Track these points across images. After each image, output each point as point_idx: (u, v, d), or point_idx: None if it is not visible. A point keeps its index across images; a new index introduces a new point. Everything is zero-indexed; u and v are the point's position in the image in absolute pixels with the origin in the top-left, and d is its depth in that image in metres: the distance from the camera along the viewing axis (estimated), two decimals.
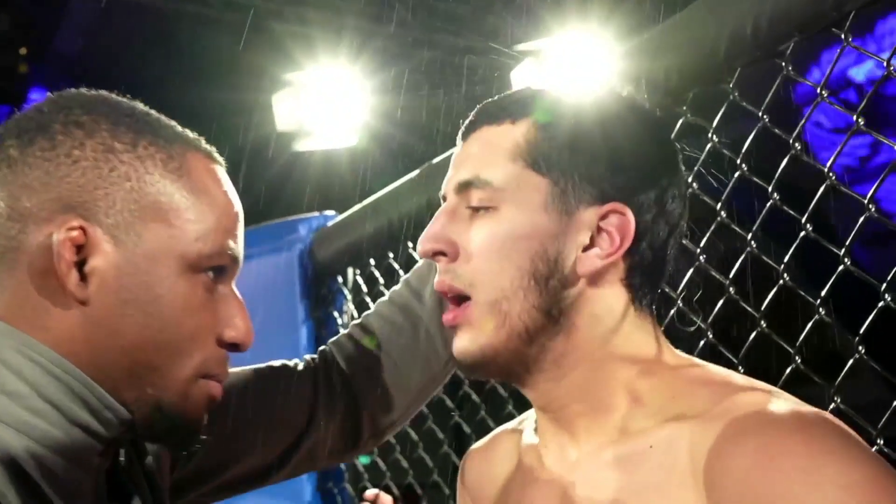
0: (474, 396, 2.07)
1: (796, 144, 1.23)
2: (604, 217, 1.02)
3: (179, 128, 0.99)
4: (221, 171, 0.99)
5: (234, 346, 0.97)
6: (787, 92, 1.23)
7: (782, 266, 1.27)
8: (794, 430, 0.91)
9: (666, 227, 1.05)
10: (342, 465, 2.17)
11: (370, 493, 2.03)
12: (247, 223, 1.02)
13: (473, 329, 1.02)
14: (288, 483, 2.15)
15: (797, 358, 1.24)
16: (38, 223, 0.90)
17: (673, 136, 1.37)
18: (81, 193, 0.90)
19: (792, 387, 1.07)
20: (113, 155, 0.92)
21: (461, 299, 1.04)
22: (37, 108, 0.95)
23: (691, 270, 1.39)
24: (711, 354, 1.24)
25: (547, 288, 1.01)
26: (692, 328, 1.36)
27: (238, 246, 0.98)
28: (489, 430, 1.27)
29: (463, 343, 1.03)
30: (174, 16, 6.66)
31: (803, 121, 1.21)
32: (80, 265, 0.90)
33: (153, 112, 0.98)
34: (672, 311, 1.39)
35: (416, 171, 1.92)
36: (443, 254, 1.04)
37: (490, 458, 1.20)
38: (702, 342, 1.35)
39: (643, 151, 1.05)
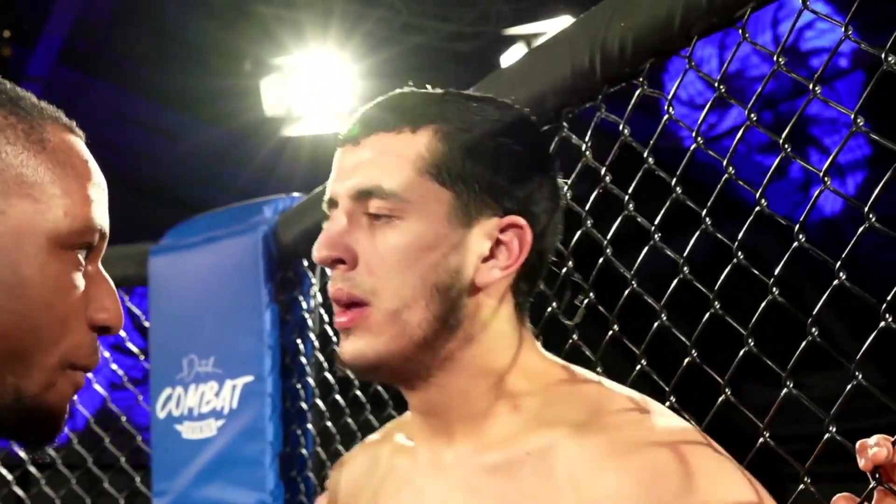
0: None
1: (752, 115, 1.17)
2: (503, 230, 1.05)
3: (36, 98, 0.91)
4: (83, 144, 0.93)
5: (105, 330, 0.90)
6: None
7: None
8: (672, 449, 0.95)
9: (552, 239, 1.09)
10: (305, 453, 2.12)
11: None
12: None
13: (371, 334, 1.03)
14: (251, 472, 2.13)
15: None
16: None
17: (630, 108, 1.34)
18: None
19: None
20: None
21: (356, 304, 1.04)
22: None
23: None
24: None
25: (447, 298, 1.03)
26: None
27: (104, 219, 0.91)
28: None
29: (358, 347, 1.04)
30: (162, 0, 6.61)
31: (760, 89, 1.15)
32: None
33: (7, 81, 0.91)
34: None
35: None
36: (341, 261, 1.04)
37: (359, 466, 1.21)
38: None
39: (537, 164, 1.08)
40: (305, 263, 2.21)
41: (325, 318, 2.15)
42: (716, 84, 1.21)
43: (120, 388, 2.63)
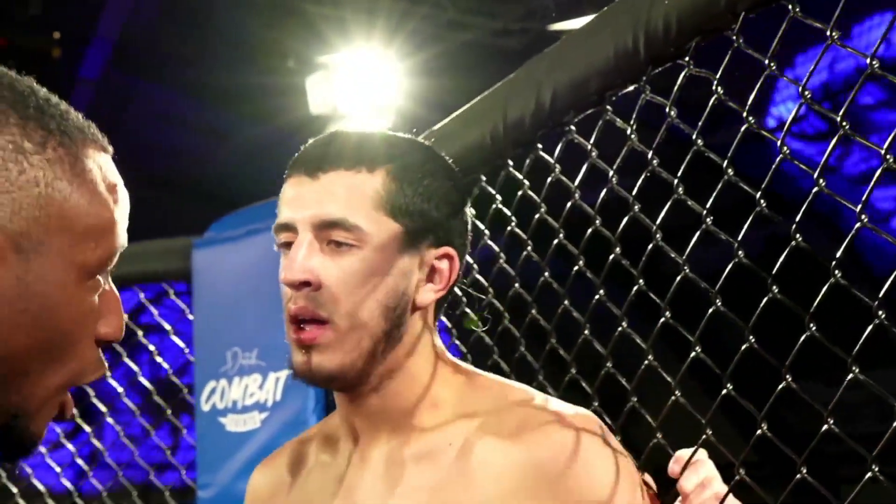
0: None
1: (806, 93, 1.13)
2: (439, 258, 1.22)
3: (73, 113, 0.90)
4: (111, 162, 0.92)
5: (107, 343, 0.90)
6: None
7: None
8: (561, 431, 1.16)
9: (462, 264, 1.26)
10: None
11: None
12: None
13: (331, 349, 1.18)
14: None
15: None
16: None
17: (675, 89, 1.30)
18: None
19: None
20: (23, 156, 0.84)
21: (317, 321, 1.18)
22: None
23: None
24: None
25: (394, 316, 1.20)
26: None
27: (124, 237, 0.92)
28: None
29: (319, 360, 1.18)
30: (210, 1, 6.63)
31: (814, 64, 1.12)
32: None
33: (52, 97, 0.89)
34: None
35: (419, 138, 1.84)
36: (308, 284, 1.17)
37: (280, 466, 1.34)
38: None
39: (459, 201, 1.26)
40: None
41: None
42: (766, 61, 1.17)
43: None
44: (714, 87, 1.25)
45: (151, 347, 2.46)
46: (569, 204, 1.49)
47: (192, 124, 8.25)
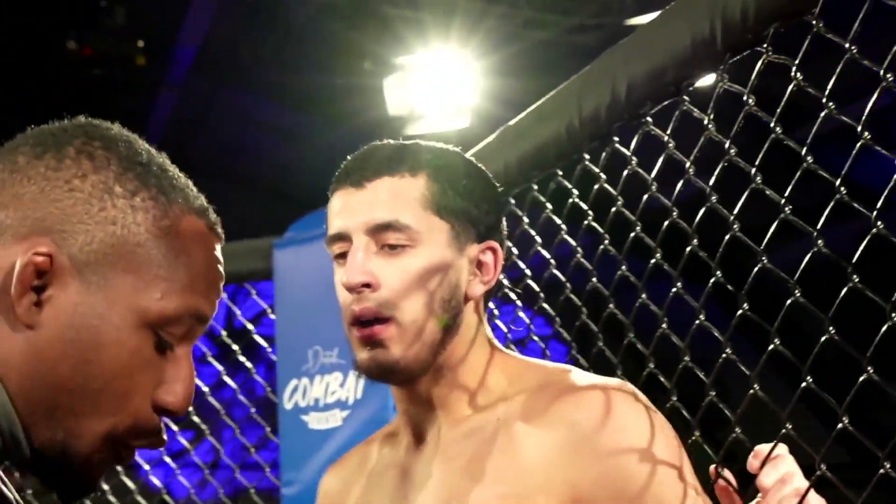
0: None
1: (888, 76, 1.11)
2: (483, 252, 1.30)
3: (193, 191, 0.95)
4: (215, 241, 0.95)
5: (167, 413, 0.90)
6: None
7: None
8: (599, 391, 1.22)
9: (504, 256, 1.33)
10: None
11: None
12: None
13: (395, 343, 1.25)
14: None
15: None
16: (16, 238, 0.87)
17: (753, 77, 1.29)
18: (64, 222, 0.87)
19: None
20: (109, 196, 0.89)
21: (381, 320, 1.24)
22: (63, 126, 0.92)
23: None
24: None
25: (449, 308, 1.27)
26: None
27: (210, 310, 0.93)
28: None
29: (385, 354, 1.25)
30: (288, 4, 6.71)
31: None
32: (39, 291, 0.86)
33: (173, 169, 0.94)
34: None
35: (494, 135, 1.84)
36: (368, 285, 1.24)
37: (350, 467, 1.42)
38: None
39: (496, 198, 1.35)
40: None
41: None
42: (846, 45, 1.15)
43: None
44: (793, 74, 1.23)
45: (235, 347, 2.49)
46: (645, 196, 1.48)
47: (273, 126, 8.36)
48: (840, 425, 1.16)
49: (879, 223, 1.12)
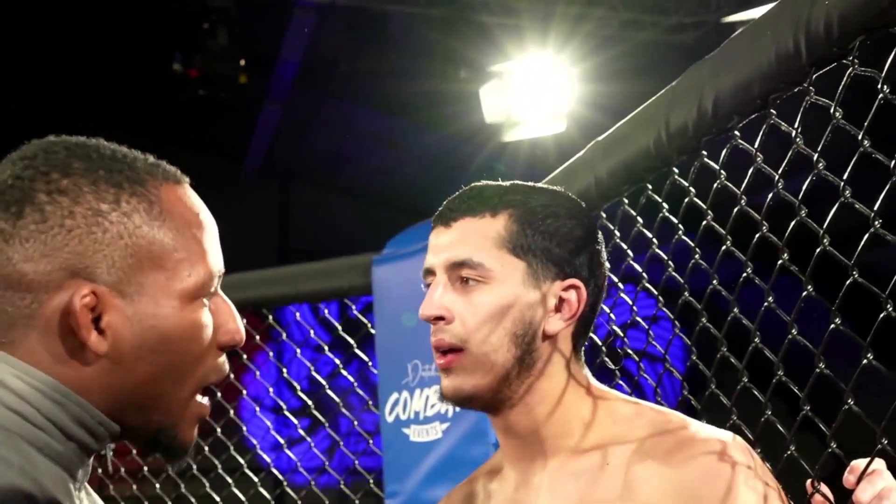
0: None
1: None
2: (565, 289, 1.35)
3: (143, 158, 1.04)
4: (190, 192, 1.06)
5: (231, 347, 1.06)
6: None
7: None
8: (716, 463, 1.24)
9: (597, 294, 1.38)
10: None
11: None
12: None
13: (466, 373, 1.32)
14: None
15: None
16: (50, 291, 0.97)
17: (840, 89, 1.28)
18: (83, 259, 0.97)
19: None
20: (102, 217, 0.99)
21: (454, 350, 1.32)
22: (14, 176, 1.00)
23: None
24: None
25: (523, 343, 1.32)
26: None
27: (219, 262, 1.06)
28: None
29: (456, 383, 1.33)
30: (386, 15, 6.80)
31: None
32: (97, 321, 0.98)
33: (119, 150, 1.04)
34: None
35: (584, 150, 1.86)
36: (442, 318, 1.33)
37: (459, 498, 1.46)
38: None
39: (584, 237, 1.38)
40: None
41: None
42: None
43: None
44: (879, 86, 1.22)
45: (337, 361, 2.55)
46: (735, 209, 1.48)
47: (373, 135, 8.47)
48: None
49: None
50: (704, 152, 1.54)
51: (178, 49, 6.34)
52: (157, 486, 2.81)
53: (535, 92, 6.02)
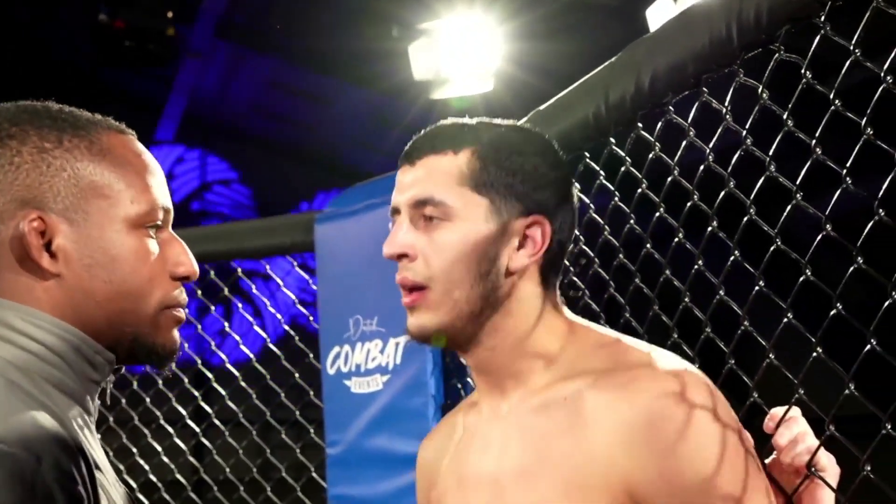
0: None
1: (888, 78, 1.22)
2: (529, 226, 1.33)
3: (89, 114, 1.19)
4: (133, 140, 1.19)
5: (185, 278, 1.18)
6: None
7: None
8: (674, 396, 1.21)
9: (567, 231, 1.36)
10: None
11: None
12: (388, 169, 1.14)
13: (430, 311, 1.32)
14: (416, 423, 2.26)
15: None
16: (5, 221, 1.10)
17: (767, 73, 1.40)
18: (31, 190, 1.11)
19: None
20: (46, 154, 1.12)
21: (417, 288, 1.32)
22: None
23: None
24: None
25: (487, 280, 1.32)
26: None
27: (164, 198, 1.18)
28: None
29: (421, 321, 1.33)
30: None
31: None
32: (48, 247, 1.11)
33: (66, 107, 1.18)
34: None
35: (525, 119, 1.95)
36: (406, 255, 1.32)
37: (441, 436, 1.48)
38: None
39: (550, 173, 1.35)
40: None
41: None
42: (850, 47, 1.26)
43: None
44: (802, 72, 1.34)
45: (280, 317, 2.63)
46: (668, 179, 1.60)
47: (299, 91, 8.45)
48: (847, 391, 1.28)
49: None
50: (640, 124, 1.66)
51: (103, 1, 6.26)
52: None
53: (462, 50, 6.10)
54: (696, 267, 1.55)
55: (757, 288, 1.42)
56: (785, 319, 1.38)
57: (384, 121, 7.32)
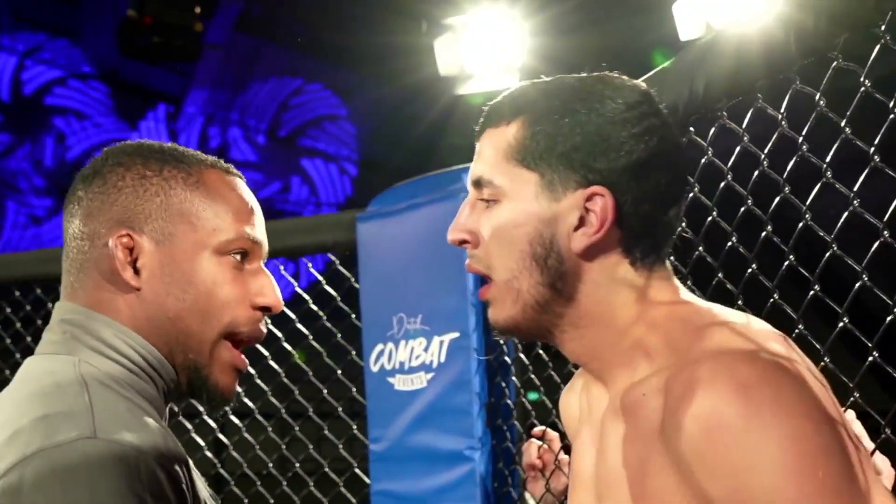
0: None
1: None
2: (588, 199, 1.14)
3: (200, 153, 1.29)
4: (236, 180, 1.28)
5: (267, 309, 1.25)
6: None
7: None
8: (735, 394, 1.01)
9: (651, 198, 1.15)
10: (510, 403, 2.27)
11: (538, 430, 2.14)
12: (411, 165, 1.15)
13: (497, 303, 1.19)
14: (459, 420, 2.29)
15: None
16: (101, 237, 1.22)
17: (825, 81, 1.42)
18: (126, 212, 1.22)
19: None
20: (146, 180, 1.23)
21: (484, 278, 1.20)
22: (94, 159, 1.27)
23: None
24: None
25: (546, 265, 1.15)
26: None
27: (256, 232, 1.26)
28: None
29: (492, 314, 1.20)
30: None
31: None
32: (134, 263, 1.21)
33: (181, 147, 1.29)
34: None
35: None
36: (466, 242, 1.20)
37: (570, 395, 1.34)
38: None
39: (617, 132, 1.15)
40: None
41: None
42: None
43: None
44: (862, 80, 1.36)
45: (321, 313, 2.65)
46: (722, 184, 1.62)
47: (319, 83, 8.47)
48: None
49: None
50: (692, 129, 1.68)
51: None
52: None
53: (487, 46, 6.12)
54: (749, 270, 1.57)
55: (812, 292, 1.45)
56: (840, 324, 1.40)
57: (408, 116, 7.35)
